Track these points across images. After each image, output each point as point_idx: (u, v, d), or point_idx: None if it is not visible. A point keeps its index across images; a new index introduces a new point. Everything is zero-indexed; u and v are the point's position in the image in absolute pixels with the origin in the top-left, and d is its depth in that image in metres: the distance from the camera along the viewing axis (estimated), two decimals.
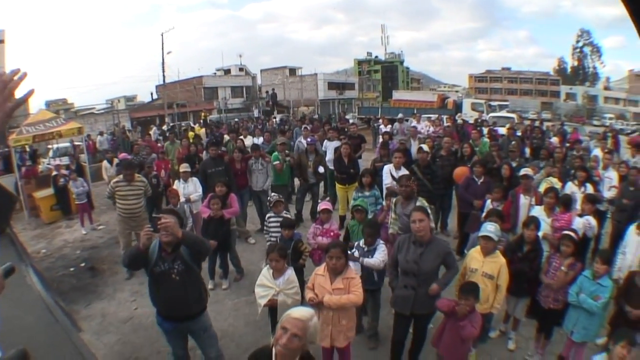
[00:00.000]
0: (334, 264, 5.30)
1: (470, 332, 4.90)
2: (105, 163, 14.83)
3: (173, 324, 5.28)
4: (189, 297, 5.07)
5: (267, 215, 8.22)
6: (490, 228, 5.79)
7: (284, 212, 8.07)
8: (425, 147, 10.78)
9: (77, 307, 8.51)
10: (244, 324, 7.54)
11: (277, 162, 10.60)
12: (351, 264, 6.04)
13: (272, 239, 7.77)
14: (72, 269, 10.53)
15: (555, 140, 16.97)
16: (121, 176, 9.49)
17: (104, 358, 6.78)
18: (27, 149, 21.06)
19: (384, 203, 8.46)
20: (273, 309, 5.94)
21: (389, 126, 21.27)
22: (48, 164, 20.50)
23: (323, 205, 7.78)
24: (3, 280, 2.01)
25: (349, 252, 6.19)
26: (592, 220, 7.41)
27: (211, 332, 5.63)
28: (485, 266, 5.73)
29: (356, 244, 6.69)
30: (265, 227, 8.22)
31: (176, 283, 4.91)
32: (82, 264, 10.78)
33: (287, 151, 11.21)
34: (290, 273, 5.93)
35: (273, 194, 8.64)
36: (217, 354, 5.76)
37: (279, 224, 7.65)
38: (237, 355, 6.22)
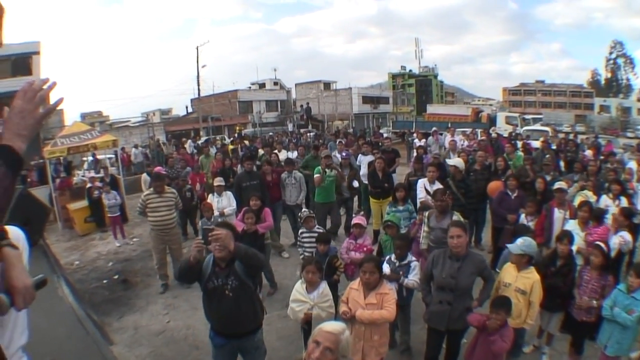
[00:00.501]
0: (367, 279, 5.31)
1: (500, 347, 4.85)
2: (144, 176, 14.85)
3: (225, 340, 5.17)
4: (243, 314, 4.98)
5: (300, 230, 8.26)
6: (519, 243, 5.72)
7: (316, 227, 8.06)
8: (456, 160, 10.67)
9: (109, 320, 8.60)
10: (277, 338, 7.50)
11: (317, 175, 10.38)
12: (387, 282, 6.11)
13: (307, 253, 7.76)
14: (105, 281, 10.64)
15: (589, 153, 16.82)
16: (152, 189, 9.53)
17: None
18: (62, 161, 21.37)
19: (417, 217, 8.48)
20: (307, 323, 5.87)
21: (423, 140, 21.22)
22: (82, 176, 20.68)
23: (356, 219, 7.77)
24: (34, 292, 2.05)
25: (385, 270, 6.24)
26: (627, 236, 7.22)
27: (262, 349, 5.51)
28: (519, 281, 5.66)
29: (387, 258, 6.69)
30: (298, 242, 8.25)
31: (229, 299, 4.81)
32: (115, 277, 10.86)
33: (333, 165, 10.81)
34: (324, 286, 5.92)
35: (304, 210, 8.70)
36: None
37: (312, 239, 7.69)
38: None
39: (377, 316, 5.20)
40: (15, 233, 2.43)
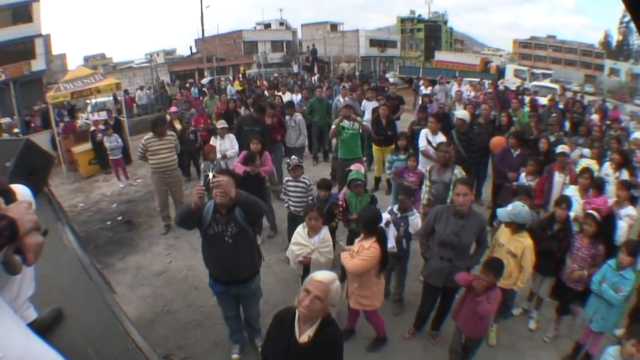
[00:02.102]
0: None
1: (485, 309, 4.89)
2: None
3: (224, 287, 5.28)
4: (241, 261, 5.06)
5: (285, 179, 8.23)
6: (509, 209, 5.71)
7: (302, 176, 8.01)
8: (463, 113, 10.58)
9: (112, 260, 8.82)
10: (275, 281, 7.68)
11: (333, 126, 9.70)
12: (389, 228, 6.32)
13: (290, 202, 7.94)
14: (108, 223, 10.84)
15: (595, 117, 16.66)
16: (151, 133, 9.50)
17: (137, 310, 7.04)
18: (65, 105, 21.39)
19: (408, 164, 8.61)
20: (305, 267, 6.00)
21: (430, 88, 21.06)
22: (86, 119, 20.72)
23: (353, 166, 7.78)
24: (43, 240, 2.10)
25: (384, 218, 6.33)
26: (633, 212, 6.93)
27: (258, 295, 5.66)
28: (511, 244, 5.71)
29: (389, 209, 6.79)
30: (283, 191, 8.26)
31: (229, 245, 4.87)
32: (119, 218, 11.07)
33: (356, 117, 9.72)
34: (325, 232, 6.03)
35: (293, 157, 8.56)
36: (256, 315, 5.87)
37: (297, 189, 7.82)
38: (266, 311, 6.29)
39: (345, 262, 5.44)
40: (22, 190, 2.47)
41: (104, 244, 9.59)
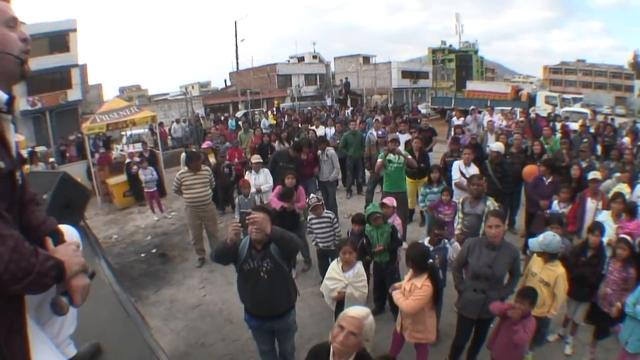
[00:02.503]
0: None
1: (521, 338, 4.89)
2: (183, 155, 14.80)
3: (259, 322, 5.28)
4: (277, 296, 5.06)
5: (309, 217, 8.28)
6: (540, 239, 5.70)
7: (325, 212, 8.12)
8: (498, 146, 10.56)
9: (146, 293, 8.87)
10: (309, 315, 7.62)
11: (380, 159, 9.74)
12: (448, 244, 6.49)
13: (318, 239, 8.02)
14: (143, 255, 10.92)
15: (627, 140, 16.33)
16: (186, 167, 9.62)
17: (171, 343, 7.04)
18: (101, 136, 21.51)
19: (442, 198, 8.58)
20: (339, 301, 5.96)
21: (462, 119, 21.04)
22: (121, 151, 20.97)
23: (385, 200, 7.84)
24: (89, 281, 2.17)
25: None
26: None
27: (293, 329, 5.64)
28: (543, 272, 5.67)
29: (421, 242, 6.72)
30: (308, 228, 8.32)
31: (264, 281, 4.89)
32: (153, 250, 11.14)
33: (401, 150, 9.80)
34: (359, 266, 6.02)
35: (312, 195, 8.64)
36: (292, 349, 5.81)
37: (321, 225, 7.92)
38: (301, 345, 6.19)
39: (399, 302, 5.42)
40: (69, 231, 2.54)
41: (138, 276, 9.67)
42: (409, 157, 9.65)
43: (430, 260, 5.86)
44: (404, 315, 5.59)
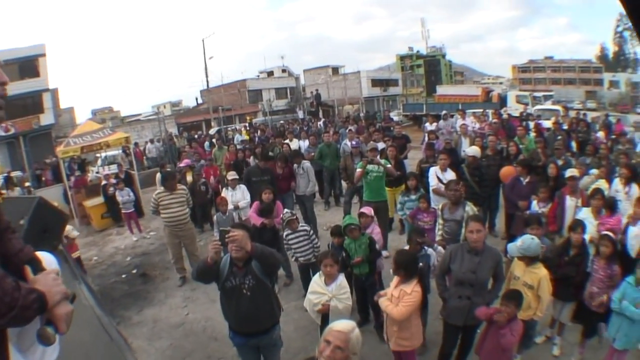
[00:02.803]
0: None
1: (509, 341, 4.89)
2: (158, 175, 14.41)
3: (244, 339, 5.26)
4: (260, 313, 5.03)
5: (285, 233, 8.17)
6: (518, 244, 5.71)
7: (300, 225, 8.08)
8: (474, 150, 10.59)
9: (129, 314, 8.85)
10: (294, 329, 7.60)
11: (359, 169, 9.67)
12: (429, 251, 6.50)
13: (297, 254, 7.94)
14: (123, 276, 10.92)
15: (601, 135, 16.63)
16: (162, 187, 9.60)
17: None
18: (76, 159, 21.47)
19: (420, 206, 8.55)
20: (324, 315, 5.93)
21: (434, 124, 21.14)
22: (97, 173, 21.03)
23: (363, 209, 7.82)
24: (72, 308, 2.13)
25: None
26: None
27: (278, 344, 5.58)
28: (526, 276, 5.67)
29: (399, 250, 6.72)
30: (286, 245, 8.18)
31: (247, 298, 4.86)
32: (134, 271, 11.13)
33: (377, 160, 9.62)
34: (341, 279, 5.98)
35: (286, 210, 8.52)
36: None
37: (298, 239, 7.87)
38: None
39: (388, 310, 5.35)
40: (47, 258, 2.50)
41: (119, 297, 9.65)
42: (389, 165, 9.68)
43: (420, 264, 5.89)
44: (389, 323, 5.56)
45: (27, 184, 18.10)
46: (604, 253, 5.85)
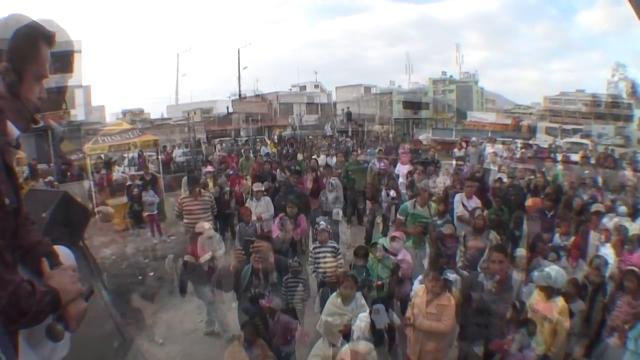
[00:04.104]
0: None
1: None
2: (184, 179, 14.40)
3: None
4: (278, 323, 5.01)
5: (313, 246, 8.09)
6: (546, 274, 5.63)
7: (330, 241, 7.93)
8: (503, 177, 10.54)
9: (142, 316, 8.75)
10: (309, 347, 7.53)
11: (400, 217, 9.50)
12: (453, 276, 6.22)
13: (319, 271, 7.66)
14: (140, 277, 10.93)
15: (628, 172, 16.44)
16: (187, 192, 9.57)
17: None
18: (102, 157, 21.56)
19: (444, 230, 8.40)
20: (345, 334, 5.78)
21: (463, 150, 21.05)
22: (122, 173, 21.06)
23: (395, 232, 7.75)
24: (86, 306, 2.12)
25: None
26: None
27: (294, 357, 5.62)
28: (546, 308, 5.60)
29: (419, 277, 6.68)
30: (310, 258, 8.01)
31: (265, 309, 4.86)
32: (151, 273, 11.14)
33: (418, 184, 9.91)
34: (360, 297, 5.99)
35: (322, 222, 8.39)
36: None
37: (326, 254, 7.64)
38: None
39: (434, 328, 5.34)
40: (64, 252, 2.50)
41: (135, 299, 9.60)
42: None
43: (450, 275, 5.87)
44: (423, 341, 5.52)
45: (49, 177, 18.15)
46: (628, 288, 5.78)
